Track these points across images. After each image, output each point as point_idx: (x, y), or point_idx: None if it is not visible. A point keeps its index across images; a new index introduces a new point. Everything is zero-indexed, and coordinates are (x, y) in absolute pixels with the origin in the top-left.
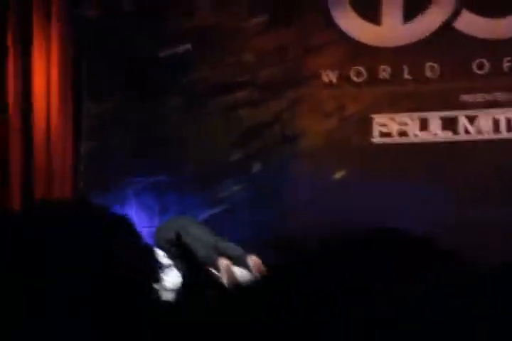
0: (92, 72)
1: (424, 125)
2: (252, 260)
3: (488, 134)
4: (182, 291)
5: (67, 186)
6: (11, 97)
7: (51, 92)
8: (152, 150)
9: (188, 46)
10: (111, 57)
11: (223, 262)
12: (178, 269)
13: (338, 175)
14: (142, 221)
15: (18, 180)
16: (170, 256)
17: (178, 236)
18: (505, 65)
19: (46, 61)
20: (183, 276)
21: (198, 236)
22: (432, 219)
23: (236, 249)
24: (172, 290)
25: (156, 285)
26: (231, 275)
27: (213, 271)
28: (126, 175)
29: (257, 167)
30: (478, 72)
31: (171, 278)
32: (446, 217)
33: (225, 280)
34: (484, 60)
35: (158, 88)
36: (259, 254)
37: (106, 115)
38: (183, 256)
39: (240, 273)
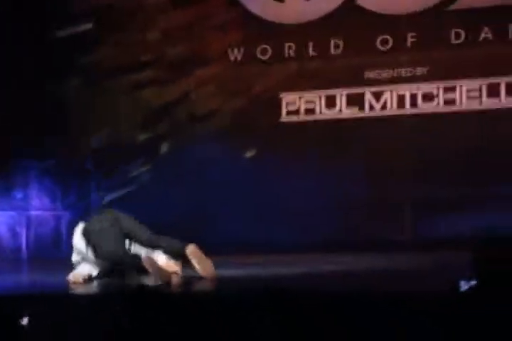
0: None
1: (330, 102)
2: (190, 249)
3: (393, 110)
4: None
5: None
6: None
7: None
8: (52, 133)
9: (89, 25)
10: (8, 37)
11: (145, 259)
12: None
13: (249, 154)
14: (44, 205)
15: None
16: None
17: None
18: (409, 40)
19: None
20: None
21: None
22: (339, 194)
23: (174, 242)
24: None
25: None
26: (156, 268)
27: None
28: (25, 158)
29: (164, 147)
30: (382, 48)
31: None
32: (354, 193)
33: (153, 275)
34: (388, 37)
35: (57, 69)
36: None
37: (2, 98)
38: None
39: (165, 262)
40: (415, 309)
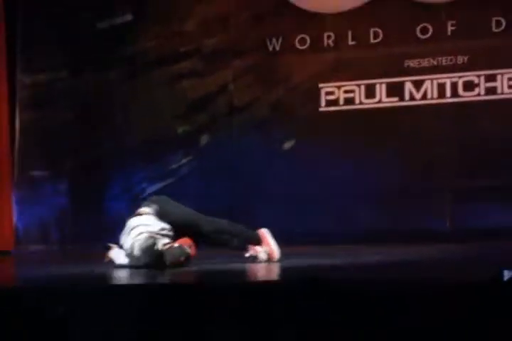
0: (28, 42)
1: (370, 92)
2: (265, 231)
3: (434, 99)
4: None
5: (6, 165)
6: None
7: None
8: (94, 123)
9: (129, 17)
10: (48, 26)
11: (264, 231)
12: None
13: (288, 144)
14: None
15: None
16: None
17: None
18: (449, 28)
19: None
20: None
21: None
22: (380, 183)
23: (240, 226)
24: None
25: None
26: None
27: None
28: (66, 149)
29: (205, 139)
30: (422, 36)
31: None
32: (394, 183)
33: (275, 250)
34: (428, 25)
35: (98, 59)
36: None
37: (43, 87)
38: None
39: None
40: (456, 299)
